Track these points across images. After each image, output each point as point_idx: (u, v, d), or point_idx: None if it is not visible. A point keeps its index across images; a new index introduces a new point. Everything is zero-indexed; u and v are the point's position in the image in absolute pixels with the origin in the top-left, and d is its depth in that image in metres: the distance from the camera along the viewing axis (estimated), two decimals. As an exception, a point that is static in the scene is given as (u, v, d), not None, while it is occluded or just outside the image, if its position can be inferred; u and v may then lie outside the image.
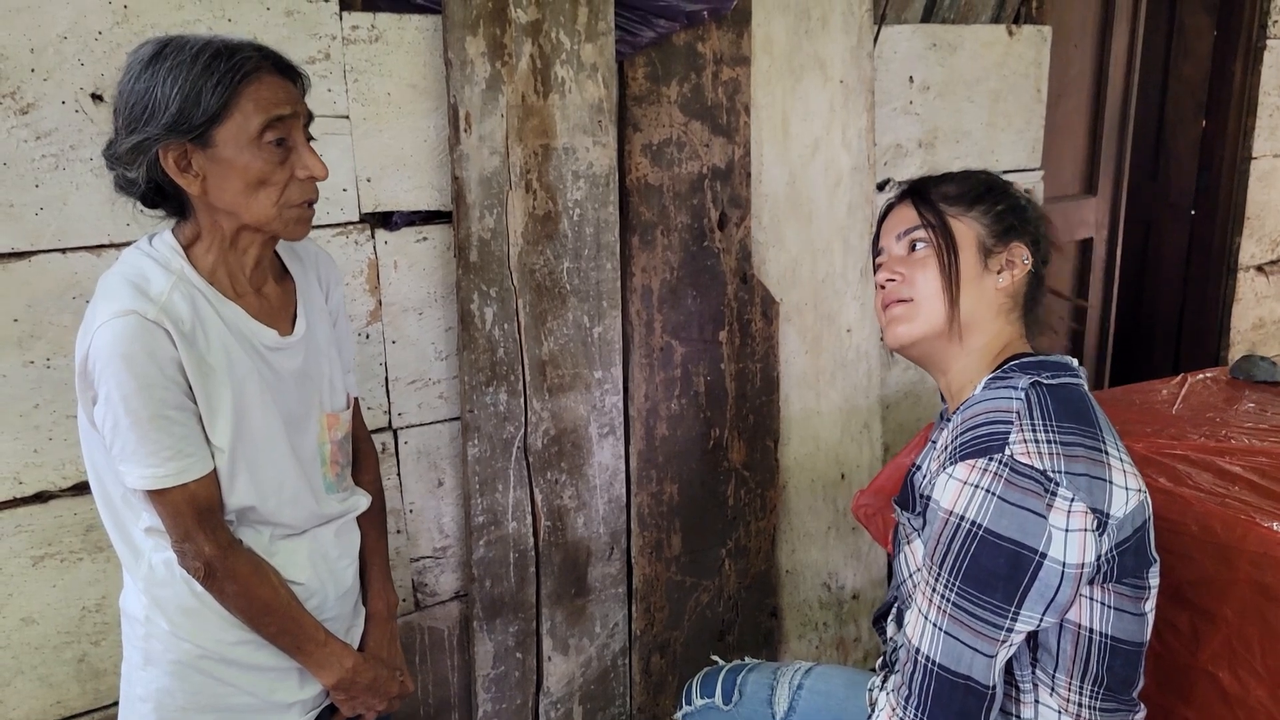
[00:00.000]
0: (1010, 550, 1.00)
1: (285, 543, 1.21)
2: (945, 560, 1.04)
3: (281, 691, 1.22)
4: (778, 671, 1.47)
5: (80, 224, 1.43)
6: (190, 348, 1.08)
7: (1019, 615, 1.02)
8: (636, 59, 1.80)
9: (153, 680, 1.18)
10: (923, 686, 1.06)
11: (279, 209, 1.11)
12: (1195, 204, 3.34)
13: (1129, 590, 1.06)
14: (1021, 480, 1.00)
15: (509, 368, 1.76)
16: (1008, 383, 1.11)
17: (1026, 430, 1.03)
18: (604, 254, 1.82)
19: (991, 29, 2.35)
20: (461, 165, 1.65)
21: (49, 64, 1.37)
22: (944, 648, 1.05)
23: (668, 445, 1.97)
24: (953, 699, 1.05)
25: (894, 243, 1.22)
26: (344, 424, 1.30)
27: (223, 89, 1.04)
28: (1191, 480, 1.42)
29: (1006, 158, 2.47)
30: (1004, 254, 1.18)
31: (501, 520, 1.82)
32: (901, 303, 1.18)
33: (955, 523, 1.04)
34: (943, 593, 1.05)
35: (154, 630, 1.17)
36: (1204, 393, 1.85)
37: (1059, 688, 1.08)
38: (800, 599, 2.25)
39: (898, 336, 1.19)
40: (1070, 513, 1.00)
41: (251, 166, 1.07)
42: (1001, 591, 1.01)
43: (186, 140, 1.05)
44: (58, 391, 1.46)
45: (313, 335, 1.24)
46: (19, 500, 1.47)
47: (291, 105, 1.09)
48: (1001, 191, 1.22)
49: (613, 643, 1.99)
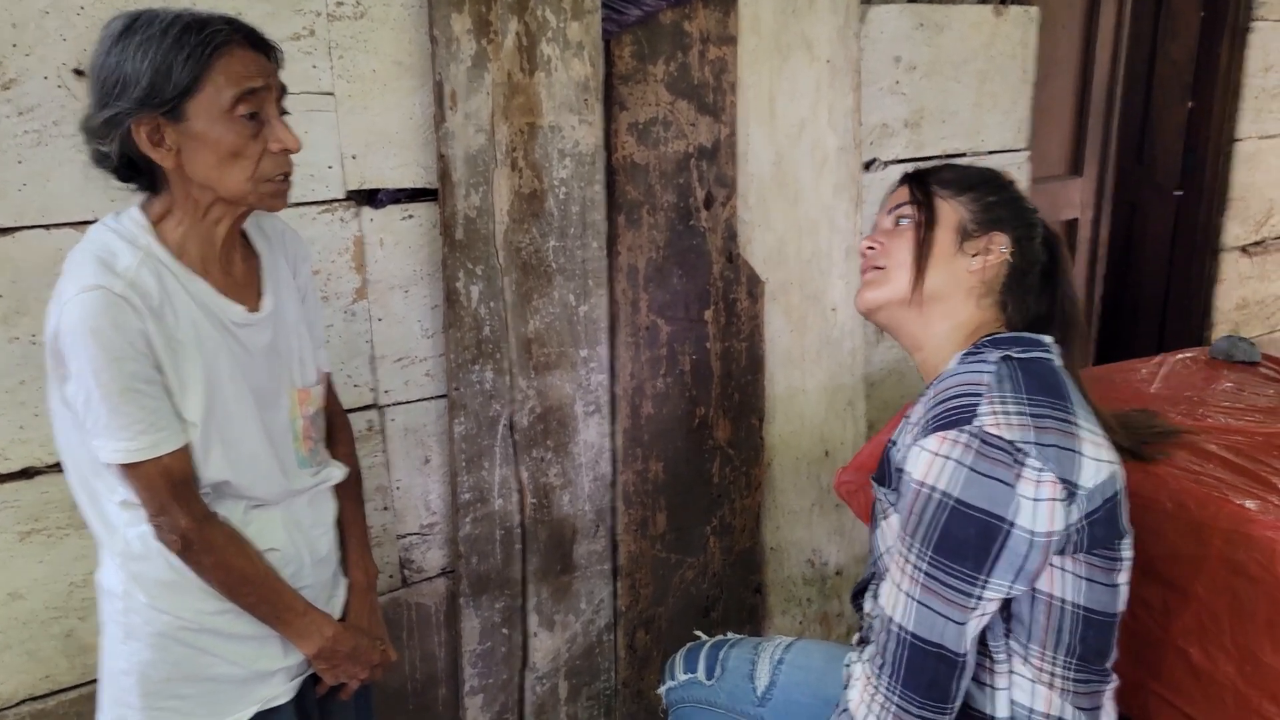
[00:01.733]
0: (980, 519, 1.02)
1: (259, 512, 1.22)
2: (917, 531, 1.06)
3: (264, 659, 1.23)
4: (759, 647, 1.49)
5: (64, 200, 1.43)
6: (159, 322, 1.08)
7: (989, 583, 1.04)
8: (623, 37, 1.79)
9: (134, 654, 1.19)
10: (896, 655, 1.09)
11: (253, 182, 1.11)
12: (1181, 185, 3.36)
13: (1100, 561, 1.08)
14: (991, 451, 1.02)
15: (495, 346, 1.77)
16: (979, 357, 1.14)
17: (996, 402, 1.05)
18: (590, 233, 1.82)
19: (979, 9, 2.35)
20: (447, 143, 1.65)
21: (31, 39, 1.37)
22: (917, 616, 1.07)
23: (653, 423, 1.99)
24: (924, 667, 1.07)
25: (884, 217, 1.28)
26: (315, 399, 1.30)
27: (194, 62, 1.04)
28: (1166, 457, 1.44)
29: (993, 138, 2.48)
30: (983, 240, 1.20)
31: (488, 497, 1.83)
32: (875, 269, 1.24)
33: (926, 494, 1.06)
34: (915, 562, 1.07)
35: (133, 604, 1.18)
36: (1183, 372, 1.87)
37: (1032, 657, 1.10)
38: (784, 575, 2.28)
39: (864, 300, 1.25)
40: (1039, 483, 1.02)
41: (224, 140, 1.07)
42: (972, 560, 1.03)
43: (158, 114, 1.05)
44: (43, 368, 1.45)
45: (280, 311, 1.24)
46: (5, 476, 1.47)
47: (264, 78, 1.09)
48: (998, 186, 1.25)
49: (598, 619, 2.01)
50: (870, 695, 1.12)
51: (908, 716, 1.08)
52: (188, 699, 1.20)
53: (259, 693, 1.24)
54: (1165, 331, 3.50)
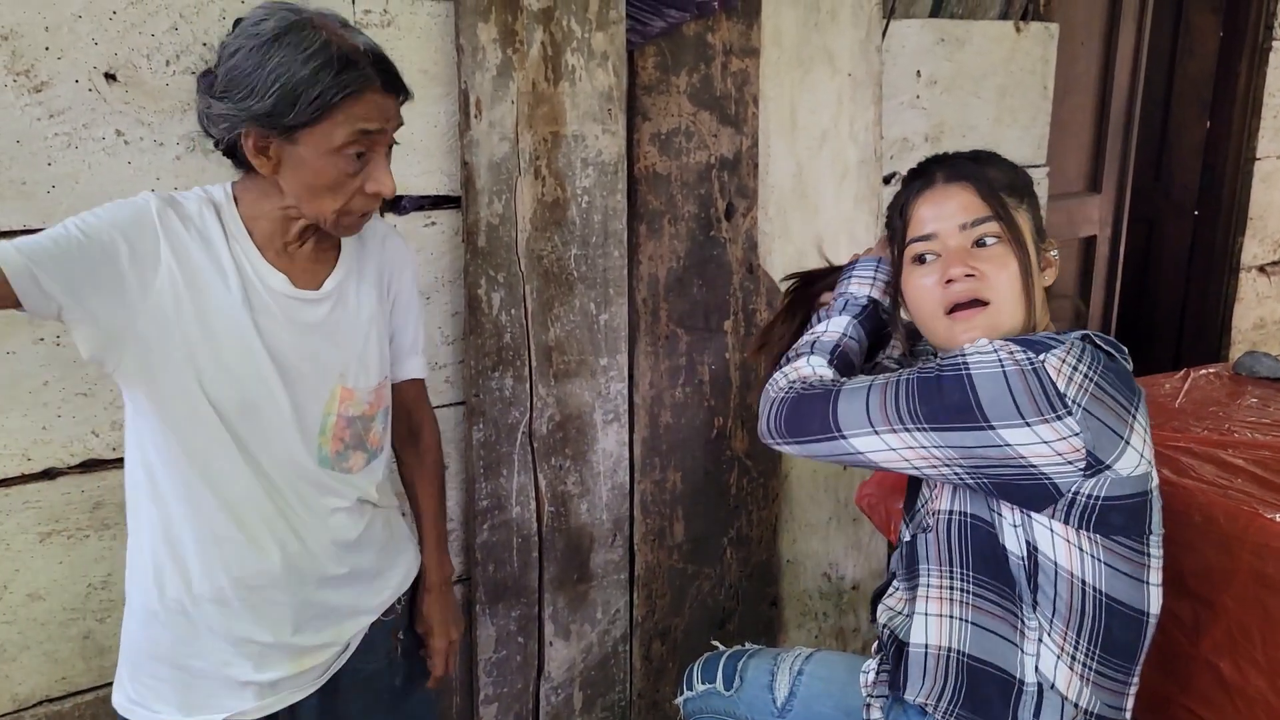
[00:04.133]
0: (969, 402, 1.04)
1: (247, 480, 1.17)
2: (926, 364, 1.11)
3: (236, 668, 1.20)
4: (779, 657, 1.48)
5: (91, 202, 1.41)
6: (174, 240, 1.09)
7: (925, 432, 1.06)
8: (647, 48, 1.80)
9: (128, 627, 1.22)
10: (807, 388, 1.17)
11: (337, 214, 1.12)
12: (1198, 203, 3.35)
13: (1122, 550, 1.07)
14: (1034, 383, 1.01)
15: (515, 353, 1.77)
16: (1063, 332, 1.12)
17: (1070, 356, 1.04)
18: (611, 242, 1.82)
19: (999, 25, 2.35)
20: (471, 151, 1.65)
21: (63, 42, 1.38)
22: (852, 394, 1.12)
23: (671, 433, 1.98)
24: (814, 409, 1.14)
25: (956, 231, 1.14)
26: (360, 403, 1.25)
27: (321, 103, 1.04)
28: (1194, 472, 1.43)
29: (1012, 153, 2.45)
30: (1045, 250, 1.19)
31: (505, 505, 1.82)
32: (981, 308, 1.12)
33: (957, 354, 1.08)
34: (900, 373, 1.11)
35: (133, 576, 1.20)
36: (1207, 387, 1.86)
37: (1054, 634, 1.09)
38: (801, 589, 2.26)
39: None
40: (1064, 439, 1.01)
41: (325, 173, 1.08)
42: (930, 409, 1.06)
43: (273, 130, 1.06)
44: (67, 369, 1.46)
45: (343, 301, 1.22)
46: (27, 477, 1.48)
47: (382, 122, 1.09)
48: (1031, 183, 1.23)
49: (614, 629, 2.00)
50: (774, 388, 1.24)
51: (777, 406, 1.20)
52: (164, 682, 1.20)
53: (227, 702, 1.21)
54: (1182, 349, 3.49)
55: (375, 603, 1.32)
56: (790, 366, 1.24)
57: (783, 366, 1.26)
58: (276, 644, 1.21)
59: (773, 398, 1.21)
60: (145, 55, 1.43)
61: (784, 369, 1.25)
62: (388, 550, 1.34)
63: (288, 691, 1.24)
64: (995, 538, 1.11)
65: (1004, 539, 1.10)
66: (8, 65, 1.35)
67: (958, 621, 1.14)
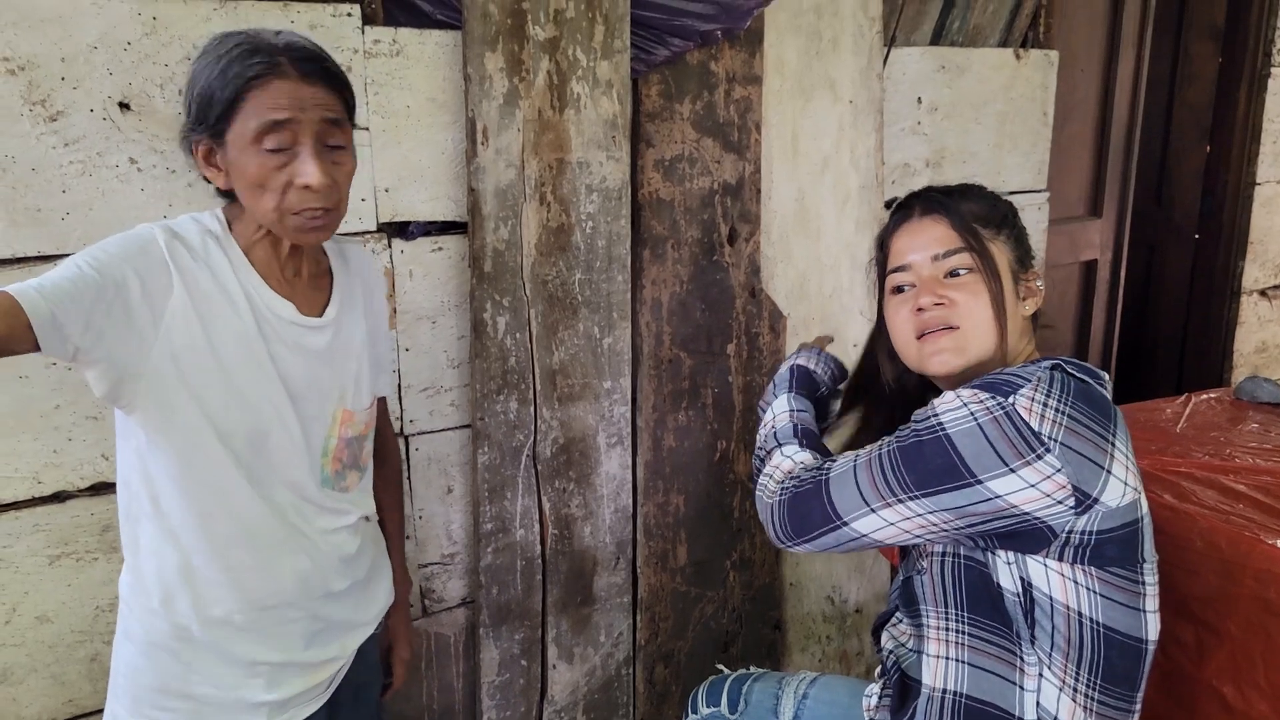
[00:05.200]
0: (953, 462, 1.05)
1: (273, 491, 1.19)
2: (903, 431, 1.11)
3: (247, 689, 1.20)
4: (783, 681, 1.48)
5: (105, 229, 1.46)
6: (181, 274, 1.08)
7: (916, 500, 1.07)
8: (651, 76, 1.83)
9: (128, 657, 1.20)
10: (799, 484, 1.17)
11: (279, 213, 1.09)
12: (1199, 228, 3.37)
13: (1117, 580, 1.07)
14: (1009, 428, 1.03)
15: (520, 376, 1.78)
16: (1035, 364, 1.13)
17: (1039, 393, 1.05)
18: (615, 266, 1.84)
19: (999, 52, 2.38)
20: (478, 177, 1.68)
21: (79, 73, 1.41)
22: (841, 479, 1.13)
23: (675, 456, 1.99)
24: (811, 504, 1.14)
25: (929, 262, 1.19)
26: (357, 424, 1.29)
27: (230, 90, 1.05)
28: (1196, 497, 1.44)
29: (1013, 179, 2.50)
30: (1026, 280, 1.20)
31: (509, 528, 1.83)
32: (948, 331, 1.16)
33: (929, 414, 1.09)
34: (880, 446, 1.12)
35: (133, 607, 1.19)
36: (1208, 412, 1.87)
37: (1054, 666, 1.10)
38: (804, 612, 2.26)
39: (947, 364, 1.17)
40: (1047, 478, 1.02)
41: (248, 169, 1.07)
42: (918, 475, 1.07)
43: (208, 136, 1.09)
44: (78, 393, 1.48)
45: (341, 326, 1.25)
46: (37, 500, 1.49)
47: (294, 110, 1.06)
48: (1014, 215, 1.24)
49: (617, 652, 2.00)
50: (768, 481, 1.25)
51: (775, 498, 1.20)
52: (171, 713, 1.19)
53: None
54: (1184, 373, 3.49)
55: (371, 614, 1.36)
56: (770, 466, 1.27)
57: (760, 469, 1.29)
58: (288, 662, 1.23)
59: (769, 503, 1.22)
60: (159, 85, 1.46)
61: (765, 471, 1.27)
62: (376, 563, 1.38)
63: (297, 708, 1.26)
64: (989, 577, 1.12)
65: (998, 577, 1.11)
66: (25, 95, 1.37)
67: (955, 663, 1.15)
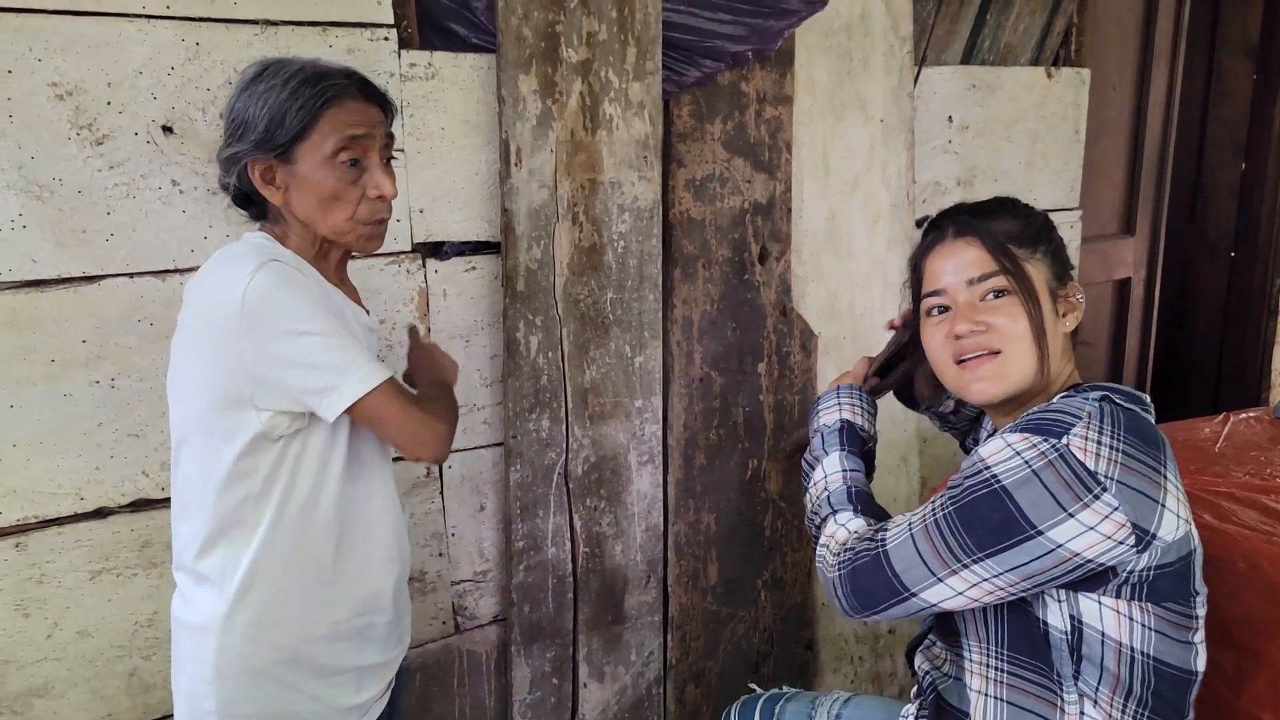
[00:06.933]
0: (1011, 515, 1.02)
1: None
2: (954, 489, 1.08)
3: (342, 695, 1.25)
4: (816, 701, 1.47)
5: (148, 250, 1.49)
6: (313, 283, 1.18)
7: (980, 563, 1.04)
8: (682, 97, 1.84)
9: (224, 691, 1.19)
10: (855, 555, 1.14)
11: (351, 224, 1.19)
12: (1234, 245, 3.33)
13: (1171, 615, 1.06)
14: (1065, 471, 1.01)
15: (552, 395, 1.80)
16: (1080, 393, 1.11)
17: (1092, 430, 1.03)
18: (646, 285, 1.85)
19: (1030, 71, 2.38)
20: (511, 198, 1.69)
21: (124, 98, 1.44)
22: (901, 549, 1.10)
23: (706, 475, 1.99)
24: (875, 578, 1.11)
25: (964, 286, 1.16)
26: None
27: (305, 112, 1.13)
28: (1237, 517, 1.42)
29: (1045, 197, 2.49)
30: (1065, 296, 1.18)
31: (541, 546, 1.84)
32: (990, 356, 1.14)
33: (980, 468, 1.06)
34: (934, 509, 1.09)
35: (229, 640, 1.17)
36: (1247, 432, 1.85)
37: (1101, 701, 1.08)
38: (836, 632, 2.25)
39: (988, 393, 1.15)
40: (1106, 518, 1.00)
41: (325, 183, 1.16)
42: (978, 536, 1.04)
43: (271, 156, 1.15)
44: (120, 411, 1.51)
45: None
46: (79, 516, 1.52)
47: (367, 127, 1.17)
48: (1050, 228, 1.22)
49: (648, 671, 2.00)
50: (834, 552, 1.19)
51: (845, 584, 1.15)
52: None
53: None
54: (1220, 392, 3.44)
55: (410, 607, 1.42)
56: (825, 535, 1.23)
57: (817, 538, 1.26)
58: (384, 662, 1.30)
59: (830, 578, 1.18)
60: (200, 109, 1.49)
61: (821, 541, 1.24)
62: None
63: (374, 705, 1.31)
64: (1033, 615, 1.10)
65: (1045, 615, 1.09)
66: (72, 120, 1.41)
67: (994, 700, 1.14)
